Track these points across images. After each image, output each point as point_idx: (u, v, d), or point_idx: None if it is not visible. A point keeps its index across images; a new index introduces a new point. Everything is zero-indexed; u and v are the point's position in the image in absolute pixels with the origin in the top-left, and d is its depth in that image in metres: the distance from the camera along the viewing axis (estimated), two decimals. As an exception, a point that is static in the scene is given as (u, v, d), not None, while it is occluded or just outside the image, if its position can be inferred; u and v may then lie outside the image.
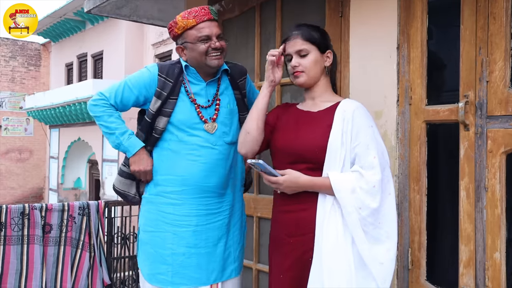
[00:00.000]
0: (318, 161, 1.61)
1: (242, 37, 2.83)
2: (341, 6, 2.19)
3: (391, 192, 1.59)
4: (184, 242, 1.87)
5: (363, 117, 1.62)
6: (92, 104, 1.93)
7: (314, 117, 1.70)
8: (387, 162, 1.62)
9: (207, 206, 1.91)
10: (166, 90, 1.89)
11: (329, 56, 1.73)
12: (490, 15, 1.67)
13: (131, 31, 12.11)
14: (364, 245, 1.53)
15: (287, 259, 1.67)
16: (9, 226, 2.95)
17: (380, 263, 1.52)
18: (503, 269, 1.64)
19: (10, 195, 16.16)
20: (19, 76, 16.69)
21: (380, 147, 1.61)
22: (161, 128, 1.91)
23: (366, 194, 1.54)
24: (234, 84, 2.02)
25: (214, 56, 1.88)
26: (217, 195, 1.94)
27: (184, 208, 1.89)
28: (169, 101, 1.89)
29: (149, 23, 3.86)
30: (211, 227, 1.91)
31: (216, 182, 1.92)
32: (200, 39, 1.86)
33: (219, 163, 1.92)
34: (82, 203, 3.21)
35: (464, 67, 1.75)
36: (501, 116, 1.64)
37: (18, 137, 16.53)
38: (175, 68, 1.93)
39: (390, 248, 1.55)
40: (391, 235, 1.56)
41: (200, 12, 1.86)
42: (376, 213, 1.54)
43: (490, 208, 1.66)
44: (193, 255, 1.87)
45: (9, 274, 2.93)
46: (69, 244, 3.12)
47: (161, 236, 1.89)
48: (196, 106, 1.91)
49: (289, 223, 1.68)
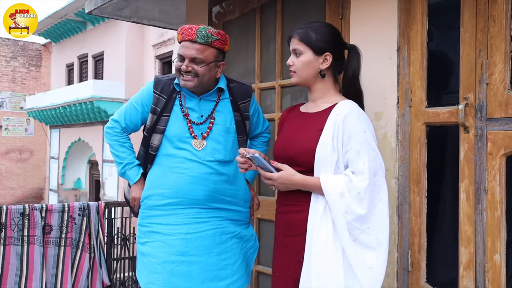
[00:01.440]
0: (308, 164, 1.62)
1: (242, 39, 2.83)
2: (342, 8, 2.19)
3: (383, 198, 1.55)
4: (174, 250, 1.86)
5: (355, 122, 1.59)
6: (106, 132, 2.05)
7: (309, 119, 1.70)
8: (381, 168, 1.58)
9: (196, 215, 1.91)
10: (159, 106, 1.92)
11: (327, 59, 1.68)
12: (490, 18, 1.67)
13: (131, 32, 12.12)
14: (350, 248, 1.52)
15: (283, 258, 1.70)
16: (9, 226, 2.95)
17: (369, 268, 1.50)
18: (503, 271, 1.64)
19: (10, 195, 16.16)
20: (19, 76, 16.70)
21: (372, 153, 1.56)
22: (156, 145, 1.94)
23: (353, 199, 1.52)
24: (234, 105, 1.99)
25: (183, 77, 1.88)
26: (208, 207, 1.92)
27: (173, 218, 1.90)
28: (162, 118, 1.92)
29: (150, 24, 3.86)
30: (202, 235, 1.89)
31: (205, 195, 1.91)
32: (178, 56, 1.89)
33: (207, 177, 1.91)
34: (82, 204, 3.21)
35: (464, 69, 1.75)
36: (501, 118, 1.65)
37: (19, 138, 16.54)
38: (171, 83, 1.96)
39: (380, 255, 1.52)
40: (381, 241, 1.53)
41: (186, 31, 1.87)
42: (364, 219, 1.52)
43: (490, 210, 1.66)
44: (183, 263, 1.85)
45: (9, 275, 2.93)
46: (69, 245, 3.12)
47: (153, 245, 1.90)
48: (188, 121, 1.93)
49: (285, 223, 1.71)
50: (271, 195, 2.61)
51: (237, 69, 2.86)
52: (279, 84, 2.56)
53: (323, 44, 1.67)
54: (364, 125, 1.60)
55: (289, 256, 1.66)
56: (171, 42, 11.16)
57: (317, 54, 1.68)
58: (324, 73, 1.69)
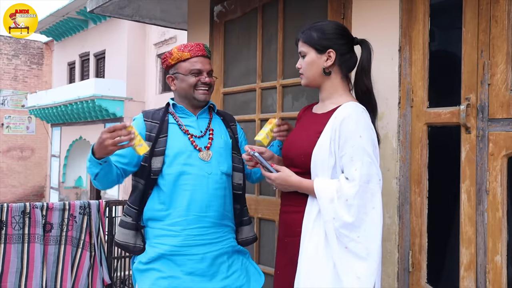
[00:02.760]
0: (305, 167, 1.61)
1: (244, 38, 2.83)
2: (343, 8, 2.19)
3: (375, 206, 1.49)
4: (180, 269, 1.85)
5: (352, 126, 1.54)
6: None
7: (314, 121, 1.69)
8: (376, 175, 1.51)
9: (205, 236, 1.89)
10: (154, 131, 1.92)
11: (331, 56, 1.65)
12: (492, 18, 1.67)
13: (133, 30, 12.14)
14: (336, 254, 1.49)
15: (283, 258, 1.71)
16: (10, 224, 2.96)
17: (357, 277, 1.46)
18: (504, 272, 1.63)
19: (11, 193, 16.20)
20: (21, 74, 16.73)
21: (367, 159, 1.50)
22: (158, 168, 1.88)
23: (341, 206, 1.49)
24: (226, 124, 2.08)
25: (202, 90, 1.96)
26: (216, 225, 1.92)
27: (181, 239, 1.87)
28: (159, 140, 1.90)
29: (152, 23, 3.86)
30: (208, 256, 1.89)
31: (215, 212, 1.91)
32: (191, 72, 1.94)
33: (216, 192, 1.91)
34: (83, 202, 3.21)
35: (465, 70, 1.74)
36: (503, 119, 1.64)
37: (20, 135, 16.57)
38: (160, 112, 1.99)
39: (369, 266, 1.47)
40: (371, 251, 1.47)
41: (195, 47, 1.97)
42: (352, 226, 1.48)
43: (491, 211, 1.66)
44: (189, 281, 1.85)
45: (9, 273, 2.94)
46: (69, 243, 3.12)
47: (159, 263, 1.87)
48: (189, 136, 1.93)
49: (284, 223, 1.72)
50: (272, 195, 2.62)
51: (238, 69, 2.86)
52: (281, 84, 2.56)
53: (324, 41, 1.65)
54: (362, 130, 1.54)
55: (288, 256, 1.67)
56: (173, 41, 11.17)
57: (320, 53, 1.66)
58: (329, 70, 1.67)
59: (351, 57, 1.70)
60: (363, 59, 1.69)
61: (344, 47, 1.68)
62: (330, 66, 1.66)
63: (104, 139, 1.66)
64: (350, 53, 1.70)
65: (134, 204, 1.93)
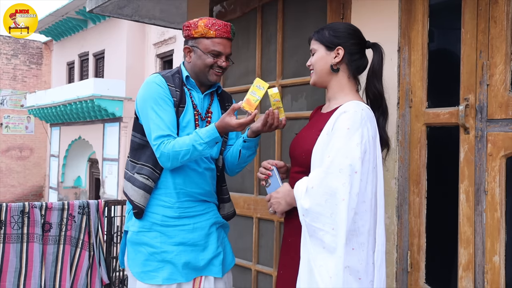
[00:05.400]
0: (307, 165, 1.60)
1: (243, 38, 2.83)
2: (342, 8, 2.19)
3: (345, 198, 1.44)
4: (171, 241, 1.90)
5: (345, 120, 1.53)
6: (161, 159, 1.84)
7: (319, 119, 1.70)
8: (351, 166, 1.45)
9: (194, 208, 1.95)
10: (176, 99, 1.91)
11: (339, 53, 1.65)
12: (491, 19, 1.67)
13: (132, 30, 12.13)
14: (306, 247, 1.50)
15: (286, 258, 1.72)
16: (8, 224, 2.95)
17: (329, 277, 1.44)
18: (502, 272, 1.64)
19: (10, 193, 16.18)
20: (20, 74, 16.71)
21: (344, 150, 1.47)
22: None
23: (308, 193, 1.50)
24: (222, 105, 2.07)
25: (216, 72, 1.92)
26: (203, 201, 1.99)
27: (173, 210, 1.92)
28: (179, 110, 1.91)
29: (151, 23, 3.86)
30: (198, 226, 1.95)
31: (202, 190, 1.96)
32: (211, 52, 1.89)
33: (205, 172, 1.96)
34: (82, 202, 3.21)
35: (464, 70, 1.75)
36: (501, 119, 1.64)
37: (19, 135, 16.55)
38: (176, 78, 1.96)
39: (338, 262, 1.44)
40: (339, 244, 1.44)
41: (222, 28, 1.89)
42: (318, 215, 1.46)
43: (490, 211, 1.66)
44: (181, 252, 1.90)
45: (8, 272, 2.93)
46: (68, 243, 3.12)
47: (150, 235, 1.91)
48: (195, 113, 1.94)
49: (289, 223, 1.72)
50: (271, 194, 2.61)
51: (237, 69, 2.86)
52: (280, 84, 2.56)
53: (334, 39, 1.66)
54: (351, 123, 1.51)
55: (290, 255, 1.67)
56: (172, 41, 11.17)
57: (329, 50, 1.66)
58: (337, 67, 1.66)
59: (361, 58, 1.70)
60: (374, 62, 1.68)
61: (354, 46, 1.67)
62: (338, 63, 1.66)
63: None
64: (360, 54, 1.69)
65: (156, 168, 1.90)
